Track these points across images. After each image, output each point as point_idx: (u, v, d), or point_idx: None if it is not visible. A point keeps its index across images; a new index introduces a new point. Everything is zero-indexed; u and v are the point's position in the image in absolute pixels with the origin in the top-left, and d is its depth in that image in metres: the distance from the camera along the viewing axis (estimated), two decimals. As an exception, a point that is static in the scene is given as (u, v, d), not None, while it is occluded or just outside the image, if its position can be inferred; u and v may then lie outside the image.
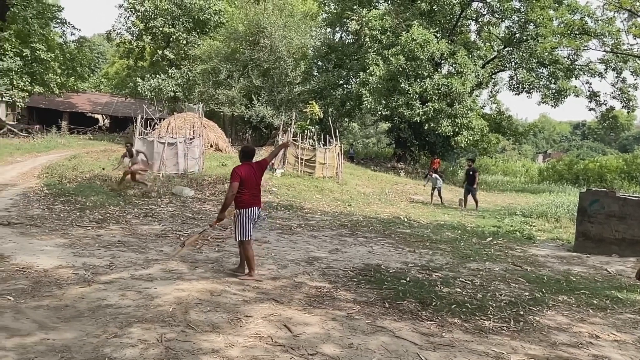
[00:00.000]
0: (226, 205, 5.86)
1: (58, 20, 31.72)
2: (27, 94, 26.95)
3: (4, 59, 25.36)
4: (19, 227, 8.05)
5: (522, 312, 5.37)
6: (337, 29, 36.62)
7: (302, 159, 19.46)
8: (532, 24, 27.94)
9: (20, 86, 26.12)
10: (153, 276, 5.82)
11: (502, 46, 30.85)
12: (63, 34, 33.20)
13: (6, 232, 7.64)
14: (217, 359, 3.75)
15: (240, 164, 6.03)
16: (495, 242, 9.81)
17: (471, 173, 15.99)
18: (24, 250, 6.60)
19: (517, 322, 5.04)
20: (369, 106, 27.10)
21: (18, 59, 26.00)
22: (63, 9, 32.18)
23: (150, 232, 8.41)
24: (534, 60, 28.59)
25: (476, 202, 15.99)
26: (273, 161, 20.04)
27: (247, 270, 6.08)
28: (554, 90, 28.90)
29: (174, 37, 34.18)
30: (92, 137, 34.36)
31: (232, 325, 4.46)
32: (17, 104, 27.96)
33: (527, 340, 4.59)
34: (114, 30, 38.71)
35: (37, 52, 27.00)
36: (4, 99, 29.19)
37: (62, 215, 9.30)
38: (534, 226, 12.38)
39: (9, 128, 27.91)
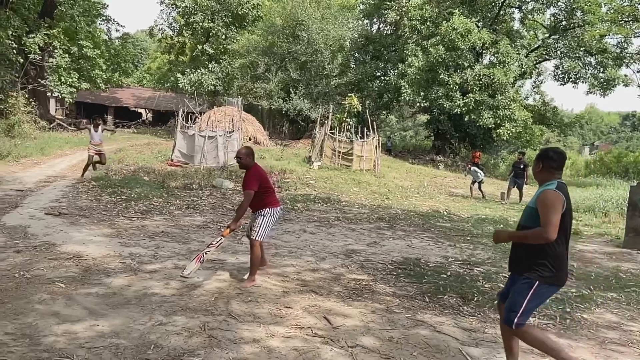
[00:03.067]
0: (241, 214, 5.30)
1: (103, 18, 32.81)
2: (75, 89, 27.99)
3: (54, 56, 26.40)
4: (69, 217, 8.40)
5: (568, 310, 5.20)
6: (375, 20, 36.29)
7: (339, 152, 19.44)
8: (579, 10, 26.83)
9: (68, 82, 27.16)
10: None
11: (547, 34, 29.78)
12: (108, 30, 34.30)
13: (57, 222, 7.98)
14: (258, 348, 3.81)
15: (247, 168, 5.43)
16: (539, 236, 9.52)
17: (522, 167, 15.51)
18: (74, 239, 6.88)
19: (563, 320, 4.89)
20: (407, 98, 26.78)
21: (66, 55, 27.01)
22: (107, 6, 33.22)
23: (192, 223, 8.61)
24: (581, 49, 27.46)
25: (521, 195, 15.57)
26: (311, 154, 20.13)
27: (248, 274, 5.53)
28: (602, 80, 27.69)
29: (214, 32, 34.73)
30: (136, 131, 35.45)
31: (273, 315, 4.52)
32: (66, 99, 29.09)
33: (574, 339, 4.45)
34: (156, 26, 39.77)
35: (84, 49, 27.99)
36: (53, 95, 30.44)
37: (109, 206, 9.64)
38: (580, 221, 11.95)
39: (59, 122, 29.10)
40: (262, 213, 5.40)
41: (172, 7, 37.44)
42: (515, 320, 3.34)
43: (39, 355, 3.48)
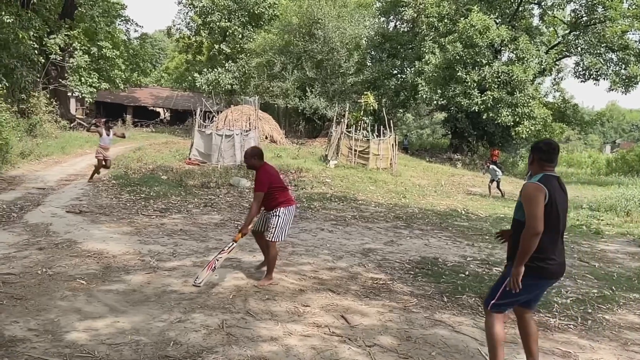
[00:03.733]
0: (251, 217, 5.12)
1: (122, 18, 33.20)
2: (95, 89, 28.40)
3: (74, 56, 26.82)
4: (89, 215, 8.53)
5: (590, 310, 5.12)
6: (392, 17, 36.10)
7: (355, 150, 19.40)
8: (600, 6, 26.32)
9: (88, 82, 27.57)
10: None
11: (568, 31, 29.29)
12: (127, 31, 34.71)
13: (78, 220, 8.11)
14: (275, 346, 3.82)
15: (255, 168, 5.37)
16: (559, 236, 9.38)
17: None
18: (94, 237, 6.98)
19: (584, 320, 4.81)
20: (424, 96, 26.60)
21: (86, 56, 27.41)
22: (126, 6, 33.63)
23: (210, 222, 8.67)
24: (602, 45, 26.94)
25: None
26: (327, 152, 20.12)
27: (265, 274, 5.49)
28: (624, 77, 27.09)
29: (230, 31, 34.94)
30: (154, 130, 35.84)
31: (290, 314, 4.53)
32: (86, 99, 29.53)
33: (596, 340, 4.38)
34: (174, 26, 40.18)
35: (104, 49, 28.38)
36: (74, 95, 30.91)
37: (128, 204, 9.77)
38: (602, 220, 11.75)
39: (79, 122, 29.57)
40: (277, 213, 5.28)
41: (190, 7, 37.77)
42: (492, 301, 3.40)
43: (61, 351, 3.54)
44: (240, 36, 35.16)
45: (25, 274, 5.20)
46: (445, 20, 27.14)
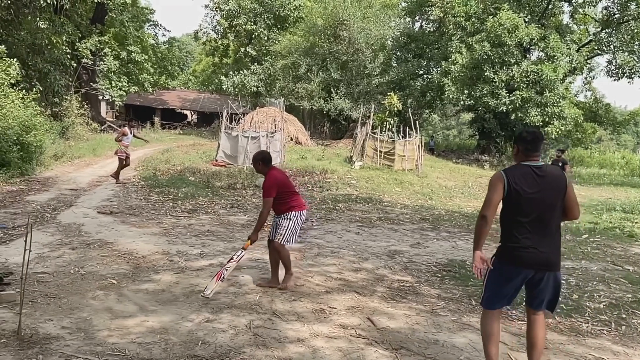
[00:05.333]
0: (261, 224, 5.05)
1: (151, 23, 33.86)
2: (125, 93, 29.03)
3: (105, 60, 27.48)
4: (119, 216, 8.72)
5: (624, 315, 4.96)
6: (417, 17, 35.83)
7: (381, 152, 19.30)
8: (633, 2, 25.56)
9: (118, 86, 28.22)
10: (240, 265, 6.04)
11: (599, 28, 28.52)
12: (155, 35, 35.39)
13: (109, 220, 8.30)
14: (302, 347, 3.83)
15: (262, 173, 5.28)
16: (592, 239, 9.14)
17: (560, 164, 14.96)
18: (124, 237, 7.14)
19: (618, 326, 4.67)
20: (451, 96, 26.28)
21: (116, 60, 28.04)
22: (155, 11, 34.29)
23: (237, 222, 8.76)
24: (636, 43, 26.17)
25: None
26: (352, 154, 20.08)
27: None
28: (659, 75, 26.30)
29: (256, 34, 35.23)
30: (181, 132, 36.41)
31: (316, 315, 4.53)
32: (116, 102, 30.23)
33: (630, 346, 4.24)
34: (201, 29, 40.69)
35: (133, 53, 28.99)
36: (104, 98, 31.64)
37: (157, 205, 9.95)
38: (636, 223, 11.37)
39: (109, 124, 30.28)
40: (289, 216, 5.15)
41: (216, 11, 38.27)
42: (482, 296, 3.47)
43: (93, 349, 3.63)
44: (265, 38, 35.42)
45: (59, 273, 5.36)
46: (473, 19, 26.77)
